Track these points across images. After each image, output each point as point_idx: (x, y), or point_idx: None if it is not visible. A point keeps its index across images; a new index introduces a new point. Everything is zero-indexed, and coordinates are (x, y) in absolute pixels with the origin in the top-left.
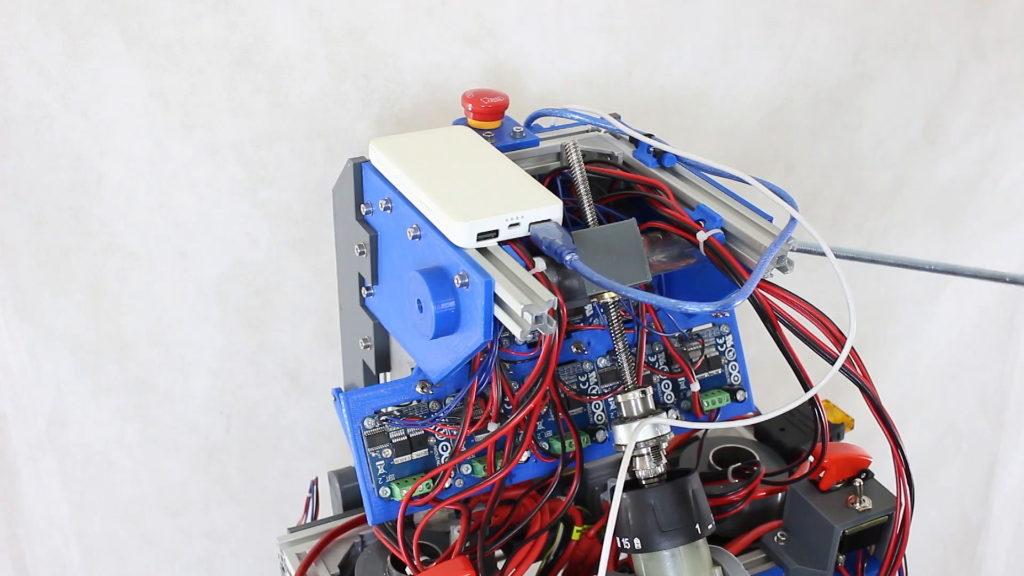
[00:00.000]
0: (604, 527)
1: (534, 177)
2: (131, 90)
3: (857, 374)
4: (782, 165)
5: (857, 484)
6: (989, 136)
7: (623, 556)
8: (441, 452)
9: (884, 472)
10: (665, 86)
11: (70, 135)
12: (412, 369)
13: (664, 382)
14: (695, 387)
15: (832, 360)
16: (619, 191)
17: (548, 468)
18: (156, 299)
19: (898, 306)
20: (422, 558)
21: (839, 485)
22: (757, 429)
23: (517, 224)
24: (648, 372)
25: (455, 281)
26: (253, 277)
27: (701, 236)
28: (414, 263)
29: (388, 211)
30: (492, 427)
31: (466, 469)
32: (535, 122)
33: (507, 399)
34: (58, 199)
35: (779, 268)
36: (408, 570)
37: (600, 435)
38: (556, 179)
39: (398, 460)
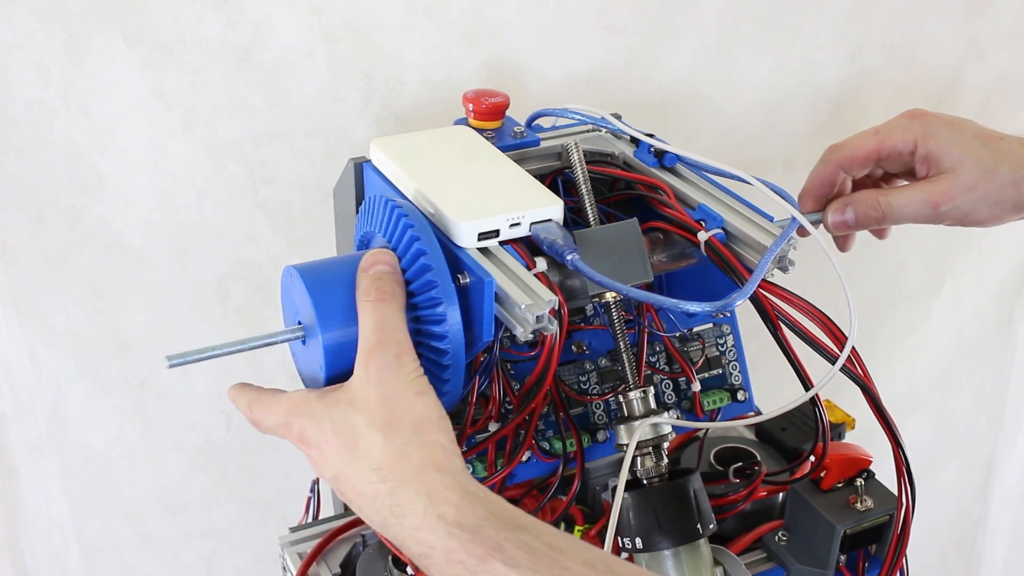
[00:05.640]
0: (605, 527)
1: (535, 177)
2: (131, 89)
3: (858, 374)
4: (781, 164)
5: (858, 484)
6: None
7: (624, 556)
8: None
9: (884, 471)
10: (664, 84)
11: (70, 134)
12: None
13: (665, 382)
14: (696, 387)
15: (833, 360)
16: (620, 191)
17: (549, 468)
18: (156, 298)
19: (896, 304)
20: None
21: (840, 485)
22: (758, 429)
23: (518, 224)
24: (649, 372)
25: (456, 281)
26: (253, 276)
27: (702, 236)
28: None
29: None
30: (493, 427)
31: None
32: (535, 122)
33: (508, 399)
34: (58, 198)
35: (780, 268)
36: (409, 570)
37: (601, 435)
38: (557, 179)
39: None
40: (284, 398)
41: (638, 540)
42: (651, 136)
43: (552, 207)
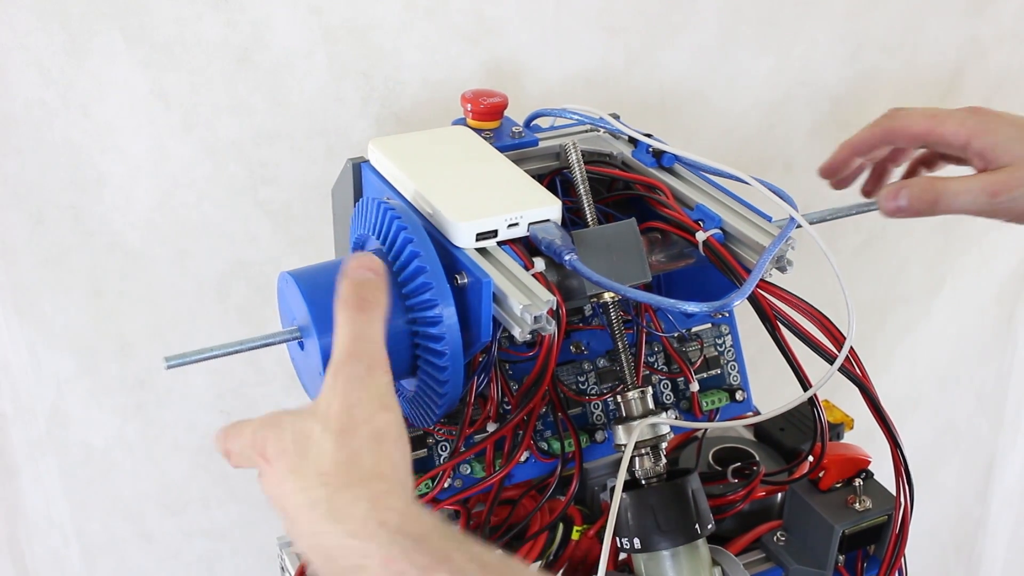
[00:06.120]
0: (604, 527)
1: (533, 177)
2: (131, 89)
3: (856, 374)
4: (781, 164)
5: (857, 484)
6: None
7: (623, 556)
8: (440, 452)
9: (883, 471)
10: (664, 85)
11: (70, 134)
12: None
13: (663, 382)
14: (694, 387)
15: (831, 360)
16: (618, 191)
17: (547, 468)
18: (156, 298)
19: (896, 304)
20: None
21: (839, 485)
22: (757, 429)
23: (516, 224)
24: (647, 372)
25: (454, 281)
26: (253, 276)
27: (700, 236)
28: None
29: None
30: (491, 427)
31: (465, 469)
32: (534, 122)
33: (506, 399)
34: (58, 198)
35: (778, 268)
36: None
37: (599, 435)
38: (555, 179)
39: None
40: (255, 419)
41: (636, 540)
42: (649, 136)
43: (550, 207)
